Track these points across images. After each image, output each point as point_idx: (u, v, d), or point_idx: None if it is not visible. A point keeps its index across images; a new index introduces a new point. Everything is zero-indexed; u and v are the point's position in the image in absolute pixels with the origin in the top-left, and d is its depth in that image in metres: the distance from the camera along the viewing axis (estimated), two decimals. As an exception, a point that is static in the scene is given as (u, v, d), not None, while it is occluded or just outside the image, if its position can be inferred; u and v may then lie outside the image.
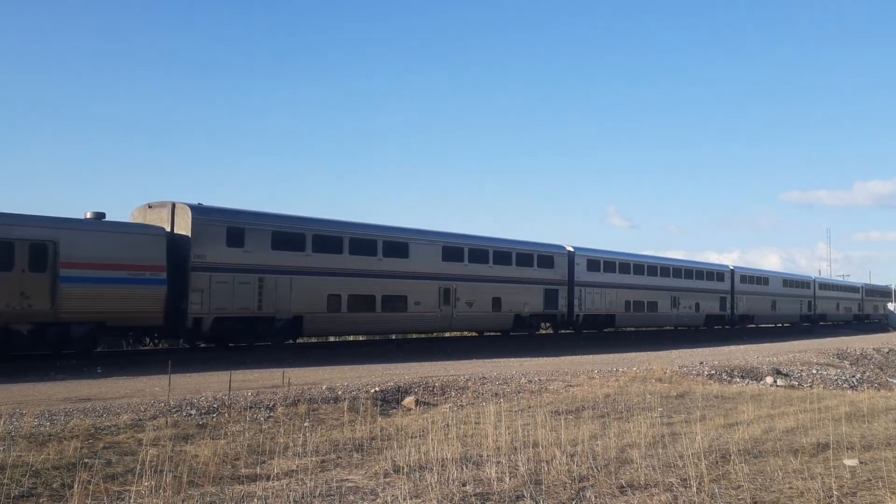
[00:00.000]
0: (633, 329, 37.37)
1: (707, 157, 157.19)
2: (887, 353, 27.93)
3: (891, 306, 76.19)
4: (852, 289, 67.06)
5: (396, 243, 23.80)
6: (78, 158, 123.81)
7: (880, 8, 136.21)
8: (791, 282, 52.90)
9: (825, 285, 60.96)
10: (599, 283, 33.41)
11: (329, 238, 21.73)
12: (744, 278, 45.42)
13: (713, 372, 17.46)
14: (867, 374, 22.40)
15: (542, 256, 30.19)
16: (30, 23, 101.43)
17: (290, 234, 20.82)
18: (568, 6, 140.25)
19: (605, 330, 34.22)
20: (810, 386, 17.73)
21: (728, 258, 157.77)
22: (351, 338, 27.41)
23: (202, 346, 20.55)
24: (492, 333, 29.94)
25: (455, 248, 26.09)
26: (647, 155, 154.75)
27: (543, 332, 32.70)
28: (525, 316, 29.06)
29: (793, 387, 17.05)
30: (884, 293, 76.79)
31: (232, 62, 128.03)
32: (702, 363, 18.93)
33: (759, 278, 48.22)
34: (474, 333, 30.21)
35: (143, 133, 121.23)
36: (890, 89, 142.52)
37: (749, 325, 47.36)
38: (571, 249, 32.34)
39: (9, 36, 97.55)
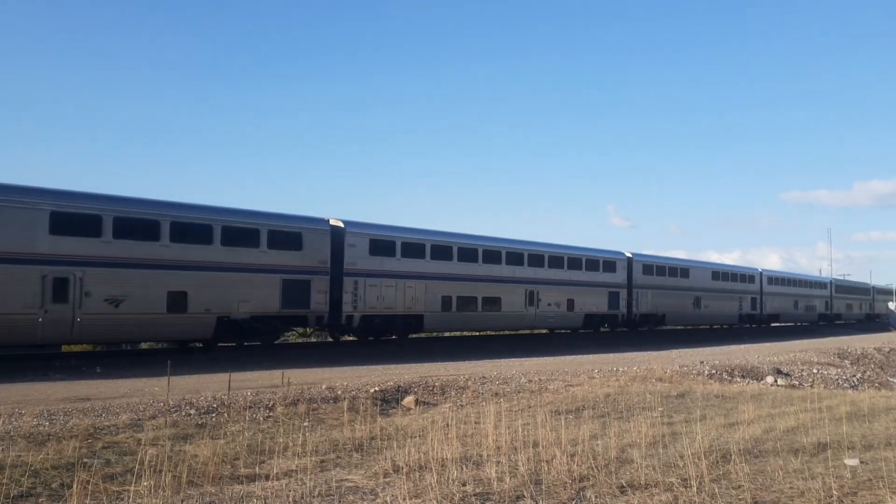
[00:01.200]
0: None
1: (707, 157, 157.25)
2: (888, 352, 27.90)
3: (891, 306, 76.21)
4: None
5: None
6: (76, 158, 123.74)
7: (881, 8, 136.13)
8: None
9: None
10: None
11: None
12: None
13: (714, 371, 17.44)
14: (868, 373, 22.36)
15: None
16: (29, 23, 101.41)
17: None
18: (568, 5, 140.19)
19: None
20: (811, 385, 17.70)
21: (728, 258, 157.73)
22: (351, 338, 27.44)
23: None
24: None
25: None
26: (647, 155, 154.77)
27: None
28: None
29: (793, 386, 17.03)
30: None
31: (230, 62, 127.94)
32: (702, 363, 18.90)
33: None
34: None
35: (139, 133, 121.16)
36: (890, 89, 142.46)
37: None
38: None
39: (8, 36, 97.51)
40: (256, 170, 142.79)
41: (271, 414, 10.08)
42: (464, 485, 6.11)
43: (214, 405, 10.19)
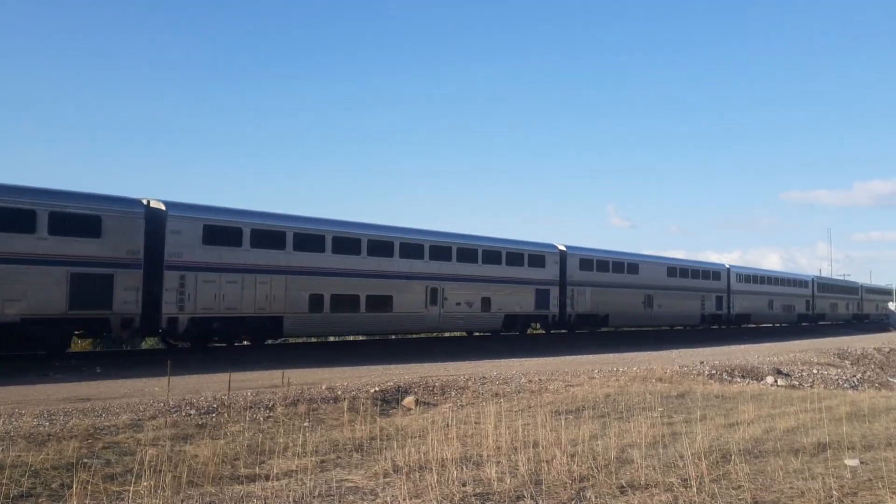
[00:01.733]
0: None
1: (707, 157, 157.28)
2: (888, 352, 27.89)
3: (891, 306, 75.89)
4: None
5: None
6: (74, 158, 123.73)
7: (881, 8, 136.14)
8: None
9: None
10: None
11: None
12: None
13: (714, 372, 17.44)
14: (868, 373, 22.36)
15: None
16: (29, 23, 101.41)
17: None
18: (568, 5, 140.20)
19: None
20: (811, 386, 17.70)
21: (728, 258, 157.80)
22: (351, 338, 27.50)
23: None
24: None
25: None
26: (647, 155, 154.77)
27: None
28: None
29: (793, 386, 17.03)
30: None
31: (230, 62, 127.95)
32: (702, 363, 18.91)
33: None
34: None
35: (136, 133, 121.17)
36: (890, 89, 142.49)
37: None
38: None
39: (8, 36, 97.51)
40: (256, 170, 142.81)
41: (271, 414, 10.08)
42: (464, 485, 6.11)
43: (214, 405, 10.19)
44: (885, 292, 73.09)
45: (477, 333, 29.21)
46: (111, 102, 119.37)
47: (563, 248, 31.48)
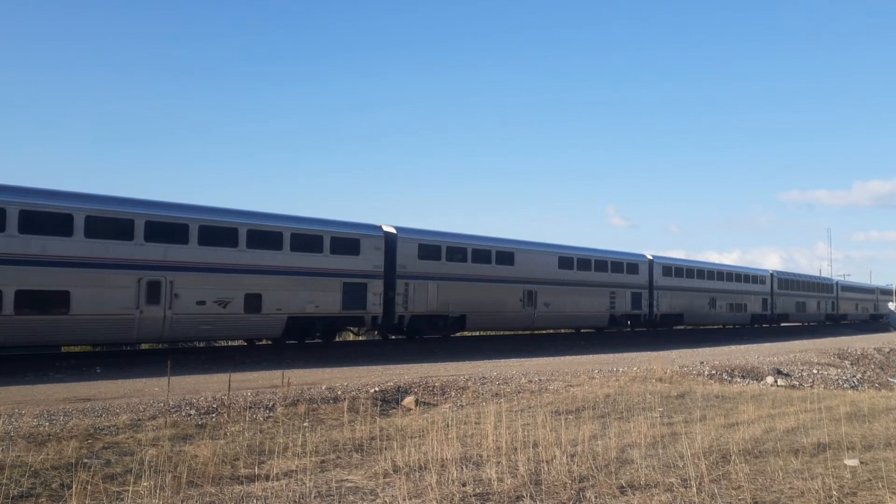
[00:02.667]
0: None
1: (707, 157, 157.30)
2: (888, 352, 27.90)
3: (891, 306, 75.79)
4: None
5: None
6: (71, 158, 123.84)
7: (880, 7, 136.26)
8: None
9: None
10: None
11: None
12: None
13: (714, 372, 17.45)
14: (868, 373, 22.37)
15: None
16: (29, 23, 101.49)
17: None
18: (568, 5, 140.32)
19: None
20: (811, 386, 17.71)
21: (728, 258, 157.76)
22: (350, 337, 27.49)
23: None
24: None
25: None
26: (647, 155, 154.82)
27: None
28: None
29: (793, 387, 17.03)
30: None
31: (230, 62, 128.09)
32: (702, 363, 18.92)
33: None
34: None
35: (136, 133, 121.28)
36: (890, 89, 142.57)
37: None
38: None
39: (8, 35, 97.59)
40: (257, 170, 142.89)
41: (271, 414, 10.09)
42: (464, 485, 6.11)
43: (214, 405, 10.20)
44: (866, 290, 69.85)
45: (260, 341, 23.18)
46: (105, 102, 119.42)
47: (392, 231, 24.02)
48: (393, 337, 25.91)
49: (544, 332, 32.51)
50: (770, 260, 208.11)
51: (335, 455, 7.63)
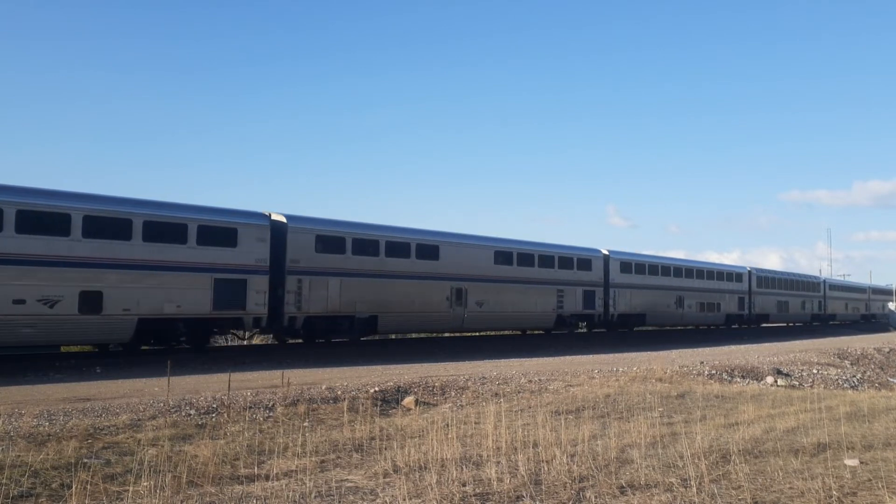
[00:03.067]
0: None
1: (707, 157, 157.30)
2: (888, 352, 27.90)
3: (891, 306, 75.53)
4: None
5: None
6: (71, 158, 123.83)
7: (880, 7, 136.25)
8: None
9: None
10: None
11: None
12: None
13: (714, 372, 17.45)
14: (868, 373, 22.38)
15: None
16: (29, 23, 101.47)
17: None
18: (568, 5, 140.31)
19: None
20: (811, 386, 17.71)
21: (728, 258, 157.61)
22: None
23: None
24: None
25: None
26: (647, 155, 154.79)
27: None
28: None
29: (793, 387, 17.03)
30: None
31: (225, 63, 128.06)
32: (702, 363, 18.92)
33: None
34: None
35: (136, 133, 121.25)
36: (890, 89, 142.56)
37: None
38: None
39: (8, 35, 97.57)
40: (257, 170, 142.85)
41: (271, 414, 10.08)
42: (464, 485, 6.11)
43: (214, 405, 10.20)
44: (857, 289, 66.17)
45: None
46: (104, 102, 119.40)
47: (282, 219, 20.71)
48: (291, 341, 22.73)
49: (477, 334, 30.11)
50: (770, 260, 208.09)
51: (335, 455, 7.63)
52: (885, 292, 75.46)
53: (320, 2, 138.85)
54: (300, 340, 22.31)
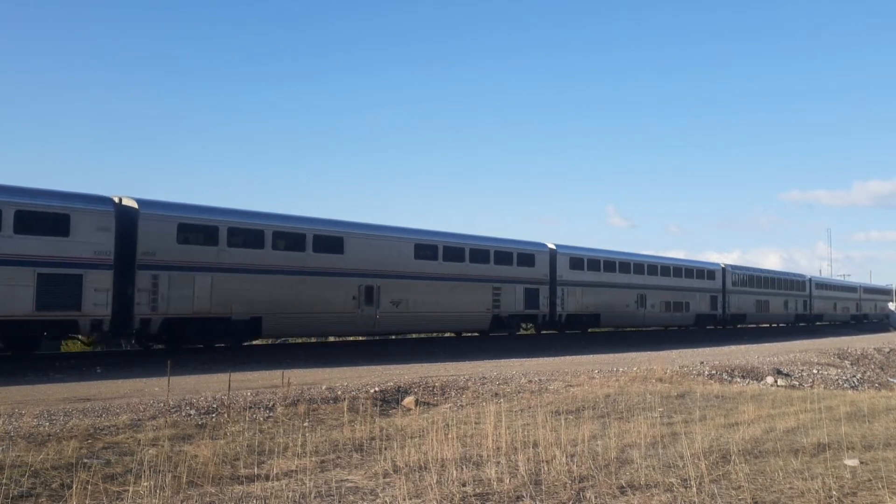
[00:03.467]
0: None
1: (707, 157, 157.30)
2: (888, 352, 27.90)
3: (891, 306, 75.35)
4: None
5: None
6: (71, 158, 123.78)
7: (880, 7, 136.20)
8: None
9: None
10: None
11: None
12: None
13: (714, 372, 17.44)
14: (868, 373, 22.37)
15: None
16: (29, 23, 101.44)
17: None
18: (568, 5, 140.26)
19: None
20: (811, 386, 17.71)
21: (728, 258, 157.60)
22: (351, 338, 27.46)
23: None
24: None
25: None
26: (647, 155, 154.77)
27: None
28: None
29: (793, 387, 17.03)
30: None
31: (225, 63, 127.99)
32: (702, 363, 18.92)
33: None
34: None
35: (136, 133, 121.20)
36: (890, 89, 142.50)
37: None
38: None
39: (8, 35, 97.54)
40: (257, 170, 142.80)
41: (271, 414, 10.09)
42: (464, 485, 6.11)
43: (214, 405, 10.20)
44: (846, 288, 63.73)
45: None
46: (111, 102, 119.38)
47: (133, 205, 17.85)
48: (157, 347, 19.78)
49: (390, 337, 26.94)
50: (770, 260, 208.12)
51: (335, 455, 7.63)
52: (880, 291, 73.14)
53: (320, 2, 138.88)
54: (161, 346, 19.52)
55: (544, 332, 31.09)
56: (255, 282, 19.57)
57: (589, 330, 32.83)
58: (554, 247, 30.45)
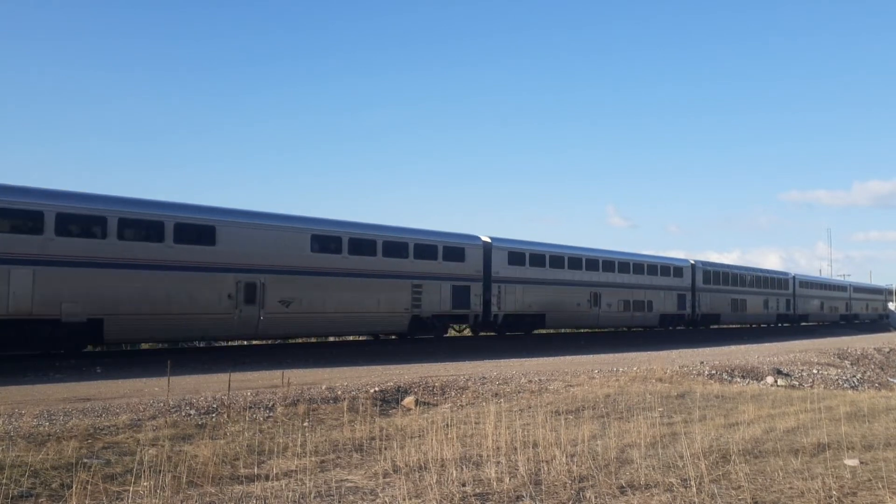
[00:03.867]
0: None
1: (707, 157, 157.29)
2: (888, 352, 27.90)
3: (891, 306, 75.26)
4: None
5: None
6: (71, 158, 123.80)
7: (880, 7, 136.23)
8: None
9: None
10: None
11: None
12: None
13: (714, 372, 17.44)
14: (868, 373, 22.37)
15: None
16: (29, 23, 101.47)
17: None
18: (568, 5, 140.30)
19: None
20: (811, 386, 17.71)
21: (728, 258, 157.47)
22: (351, 338, 27.46)
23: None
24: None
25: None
26: (647, 155, 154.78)
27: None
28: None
29: (793, 387, 17.03)
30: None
31: (225, 63, 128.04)
32: (702, 363, 18.92)
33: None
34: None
35: (136, 133, 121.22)
36: (890, 89, 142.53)
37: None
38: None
39: (8, 35, 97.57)
40: (257, 170, 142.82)
41: (271, 414, 10.08)
42: (463, 485, 6.11)
43: (214, 405, 10.20)
44: (835, 287, 60.22)
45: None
46: (104, 102, 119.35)
47: (488, 240, 18.93)
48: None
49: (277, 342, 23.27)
50: (770, 260, 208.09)
51: (335, 455, 7.63)
52: (872, 291, 70.45)
53: (320, 2, 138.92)
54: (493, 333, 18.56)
55: (482, 334, 28.66)
56: (92, 277, 16.62)
57: (534, 332, 30.35)
58: (489, 240, 27.63)
